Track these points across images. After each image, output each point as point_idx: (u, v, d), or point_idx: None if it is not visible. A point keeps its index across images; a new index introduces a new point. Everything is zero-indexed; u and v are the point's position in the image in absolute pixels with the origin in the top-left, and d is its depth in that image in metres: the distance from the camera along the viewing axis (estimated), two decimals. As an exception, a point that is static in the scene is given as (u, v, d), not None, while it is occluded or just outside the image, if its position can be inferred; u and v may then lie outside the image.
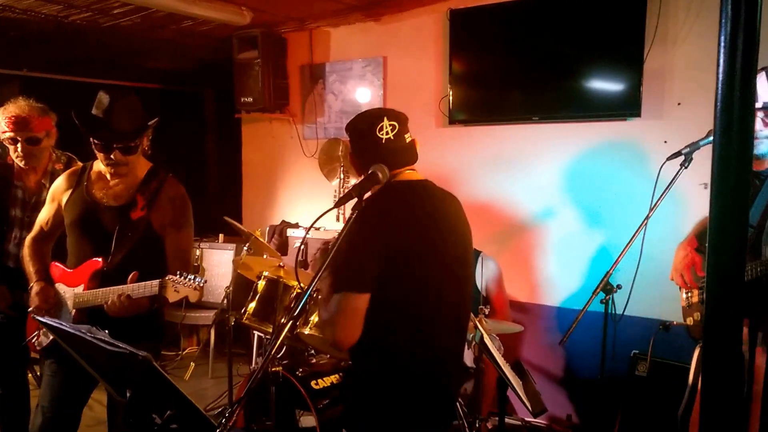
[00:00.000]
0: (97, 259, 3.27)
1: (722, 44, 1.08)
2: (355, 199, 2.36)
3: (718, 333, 1.15)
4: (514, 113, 5.29)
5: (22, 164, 3.89)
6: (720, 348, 1.15)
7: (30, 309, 3.36)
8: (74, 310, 3.30)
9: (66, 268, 3.41)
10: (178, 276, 3.01)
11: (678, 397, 3.80)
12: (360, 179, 2.53)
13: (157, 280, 3.02)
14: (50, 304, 3.34)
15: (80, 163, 3.67)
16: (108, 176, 3.36)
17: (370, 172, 2.50)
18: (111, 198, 3.35)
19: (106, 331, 2.31)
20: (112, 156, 3.24)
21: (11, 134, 3.80)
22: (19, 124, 3.80)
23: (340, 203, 2.47)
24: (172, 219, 3.37)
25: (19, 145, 3.82)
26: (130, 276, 3.12)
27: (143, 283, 3.07)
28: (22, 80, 7.04)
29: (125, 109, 3.24)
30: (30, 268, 3.47)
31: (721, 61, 1.08)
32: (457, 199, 2.90)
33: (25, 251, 3.54)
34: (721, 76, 1.08)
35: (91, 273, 3.27)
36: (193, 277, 3.02)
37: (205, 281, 3.09)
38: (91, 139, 3.25)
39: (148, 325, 3.34)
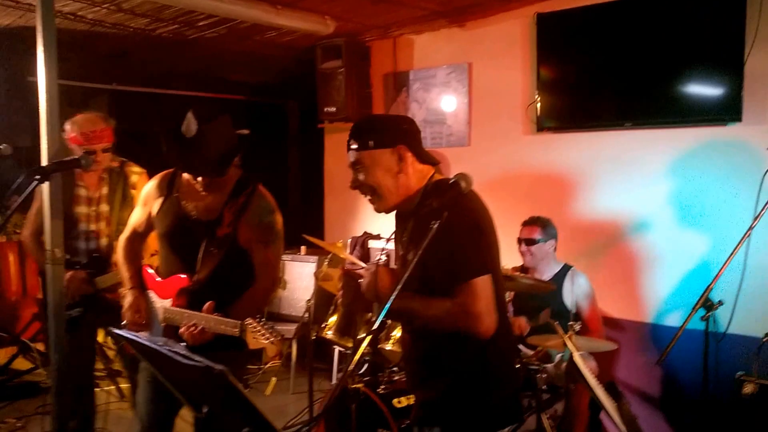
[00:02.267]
0: (182, 276, 3.26)
1: None
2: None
3: None
4: (605, 119, 5.12)
5: (91, 169, 4.19)
6: None
7: (124, 323, 3.38)
8: (164, 325, 3.30)
9: (157, 276, 3.41)
10: (257, 322, 2.92)
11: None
12: (445, 191, 2.44)
13: (238, 323, 2.94)
14: (143, 318, 3.37)
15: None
16: (198, 187, 3.32)
17: (452, 181, 2.42)
18: (201, 212, 3.31)
19: (184, 344, 2.25)
20: (199, 179, 3.24)
21: (88, 146, 4.18)
22: (95, 137, 4.21)
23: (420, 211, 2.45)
24: (260, 235, 3.30)
25: (97, 155, 4.21)
26: (206, 306, 3.07)
27: (223, 319, 3.01)
28: (110, 94, 7.18)
29: (214, 135, 3.16)
30: (125, 272, 3.52)
31: None
32: None
33: (119, 252, 3.59)
34: None
35: (178, 290, 3.26)
36: (272, 326, 2.95)
37: (282, 337, 3.01)
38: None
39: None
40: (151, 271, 3.47)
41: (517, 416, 2.72)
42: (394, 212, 2.71)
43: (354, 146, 2.56)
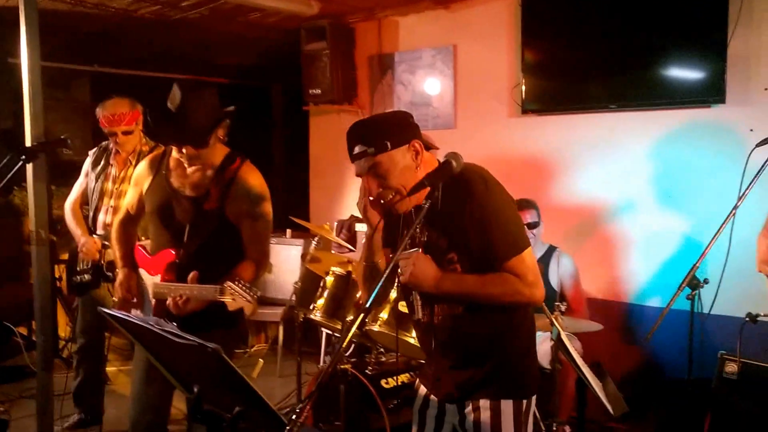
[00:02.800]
0: (171, 251, 3.29)
1: None
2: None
3: None
4: (590, 102, 5.13)
5: (119, 149, 4.65)
6: None
7: (114, 299, 3.46)
8: (154, 300, 3.34)
9: (147, 254, 3.45)
10: (237, 284, 2.96)
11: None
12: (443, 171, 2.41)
13: (218, 286, 2.99)
14: (133, 294, 3.41)
15: (162, 147, 3.83)
16: (185, 163, 3.31)
17: (444, 160, 2.42)
18: (188, 187, 3.33)
19: (175, 324, 2.25)
20: (183, 150, 3.21)
21: (109, 129, 4.56)
22: (116, 120, 4.53)
23: (412, 193, 2.39)
24: (248, 210, 3.31)
25: (117, 137, 4.56)
26: (190, 276, 3.11)
27: (205, 286, 3.05)
28: (92, 75, 7.12)
29: (197, 104, 3.17)
30: (116, 252, 3.56)
31: None
32: None
33: (113, 234, 3.64)
34: None
35: (166, 265, 3.29)
36: (249, 286, 2.99)
37: (259, 294, 3.06)
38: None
39: (224, 312, 3.22)
40: (142, 249, 3.50)
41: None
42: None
43: (369, 151, 2.46)
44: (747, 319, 3.58)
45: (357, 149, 2.48)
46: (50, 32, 4.58)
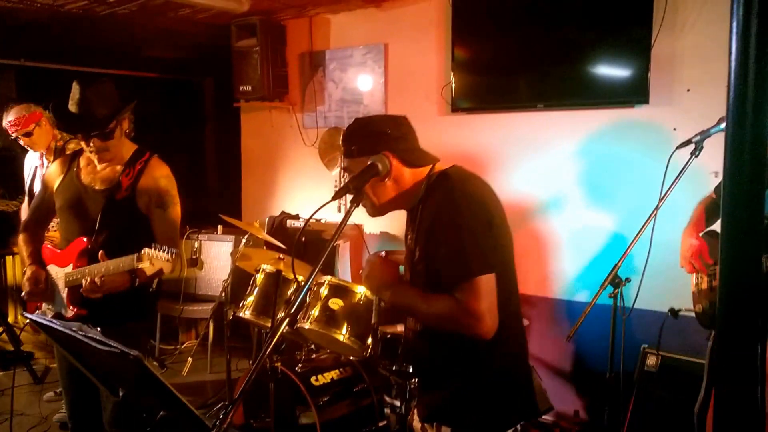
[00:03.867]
0: (82, 239, 3.33)
1: (734, 30, 1.02)
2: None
3: (733, 328, 1.11)
4: (518, 101, 5.20)
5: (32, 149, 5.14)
6: (734, 344, 1.11)
7: (23, 294, 3.45)
8: (66, 290, 3.35)
9: (56, 249, 3.47)
10: (153, 249, 3.04)
11: (689, 393, 3.70)
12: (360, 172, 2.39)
13: (134, 255, 3.06)
14: (41, 288, 3.40)
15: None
16: (95, 161, 3.42)
17: (369, 163, 2.39)
18: (98, 182, 3.42)
19: (98, 329, 2.23)
20: (90, 143, 3.30)
21: (12, 134, 5.03)
22: (13, 126, 4.99)
23: (337, 196, 2.36)
24: (158, 199, 3.40)
25: (21, 140, 5.05)
26: (99, 254, 3.16)
27: (121, 258, 3.11)
28: (18, 70, 6.95)
29: (96, 97, 3.29)
30: (23, 252, 3.57)
31: (734, 48, 1.02)
32: None
33: (21, 236, 3.63)
34: (733, 63, 1.03)
35: (78, 252, 3.33)
36: (167, 248, 3.04)
37: (176, 253, 3.09)
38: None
39: (134, 304, 3.39)
40: (50, 246, 3.53)
41: (531, 412, 2.65)
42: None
43: (343, 152, 2.51)
44: (669, 313, 3.70)
45: (342, 146, 2.53)
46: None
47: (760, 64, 1.01)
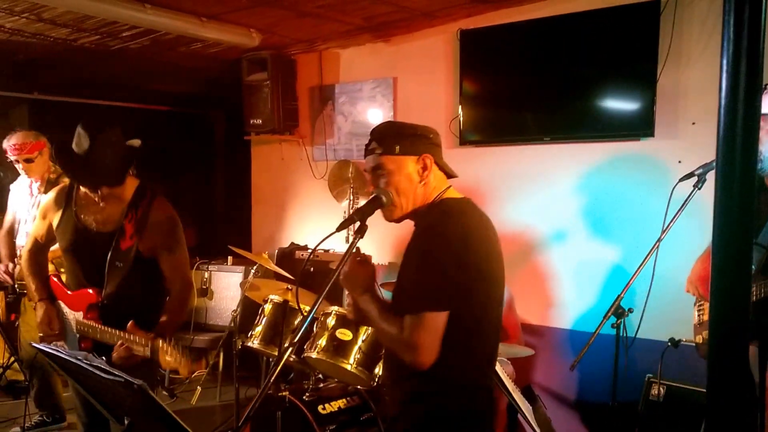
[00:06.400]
0: (89, 290, 3.27)
1: (724, 68, 1.06)
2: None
3: (724, 355, 1.13)
4: (525, 134, 5.24)
5: (27, 175, 5.14)
6: (725, 370, 1.13)
7: (40, 335, 3.39)
8: (79, 335, 3.30)
9: (66, 288, 3.41)
10: (166, 343, 2.92)
11: (693, 423, 3.70)
12: (365, 202, 2.46)
13: (148, 342, 2.94)
14: (54, 332, 3.36)
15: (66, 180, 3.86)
16: (99, 202, 3.33)
17: (374, 195, 2.44)
18: (101, 223, 3.33)
19: (104, 358, 2.27)
20: (99, 191, 3.26)
21: (13, 157, 5.07)
22: (14, 150, 5.05)
23: (342, 227, 2.39)
24: (163, 242, 3.34)
25: (21, 165, 5.07)
26: (129, 324, 3.05)
27: (135, 338, 2.99)
28: (31, 103, 7.06)
29: (106, 147, 3.19)
30: (31, 284, 3.51)
31: (723, 85, 1.07)
32: None
33: (24, 265, 3.59)
34: (723, 100, 1.07)
35: (87, 304, 3.27)
36: (182, 348, 2.92)
37: (189, 350, 2.99)
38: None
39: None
40: (58, 281, 3.47)
41: None
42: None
43: (378, 150, 2.47)
44: (669, 344, 3.72)
45: (371, 144, 2.52)
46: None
47: (750, 100, 1.04)
